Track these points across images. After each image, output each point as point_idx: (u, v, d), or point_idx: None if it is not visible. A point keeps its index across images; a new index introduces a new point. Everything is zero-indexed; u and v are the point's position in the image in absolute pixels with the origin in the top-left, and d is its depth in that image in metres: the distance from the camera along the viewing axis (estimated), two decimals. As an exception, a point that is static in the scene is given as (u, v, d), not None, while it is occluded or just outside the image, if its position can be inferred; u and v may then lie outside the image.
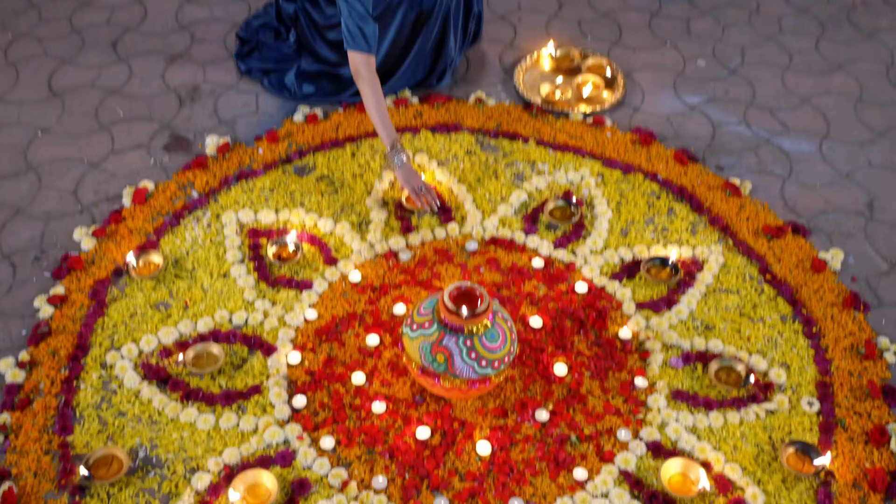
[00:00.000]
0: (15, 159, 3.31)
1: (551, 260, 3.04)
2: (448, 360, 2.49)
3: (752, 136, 3.49)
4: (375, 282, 2.96)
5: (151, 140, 3.40)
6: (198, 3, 4.04)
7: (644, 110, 3.59)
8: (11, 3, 4.01)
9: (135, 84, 3.64)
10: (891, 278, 3.01)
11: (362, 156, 3.35)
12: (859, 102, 3.65)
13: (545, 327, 2.84)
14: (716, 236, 3.12)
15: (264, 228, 3.11)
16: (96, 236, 3.05)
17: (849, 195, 3.28)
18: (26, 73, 3.66)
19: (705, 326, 2.86)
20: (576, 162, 3.36)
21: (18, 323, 2.81)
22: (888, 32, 3.99)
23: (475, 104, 3.59)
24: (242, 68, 3.69)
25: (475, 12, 3.70)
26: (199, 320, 2.82)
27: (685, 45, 3.90)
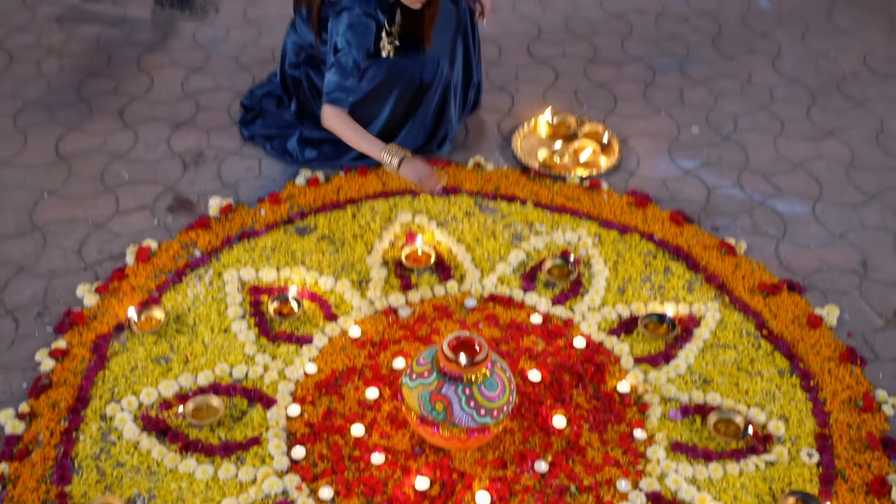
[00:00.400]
0: (21, 220, 3.37)
1: (549, 316, 3.07)
2: (447, 408, 2.50)
3: (746, 199, 3.55)
4: (375, 337, 2.98)
5: (155, 202, 3.46)
6: (203, 74, 4.15)
7: (640, 174, 3.66)
8: (21, 72, 4.11)
9: (140, 149, 3.71)
10: (886, 334, 3.04)
11: (363, 217, 3.41)
12: (850, 167, 3.72)
13: (544, 381, 2.85)
14: (712, 294, 3.15)
15: (265, 286, 3.15)
16: (99, 293, 3.08)
17: (843, 255, 3.32)
18: (34, 139, 3.74)
19: (703, 380, 2.87)
20: (573, 223, 3.42)
21: (20, 376, 2.82)
22: (877, 101, 4.08)
23: (474, 168, 3.66)
24: (246, 134, 3.78)
25: (474, 82, 3.80)
26: (199, 374, 2.84)
27: (679, 113, 3.99)
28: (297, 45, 3.58)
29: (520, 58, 4.33)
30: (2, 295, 3.08)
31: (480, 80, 3.86)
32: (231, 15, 4.57)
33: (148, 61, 4.22)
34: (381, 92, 3.50)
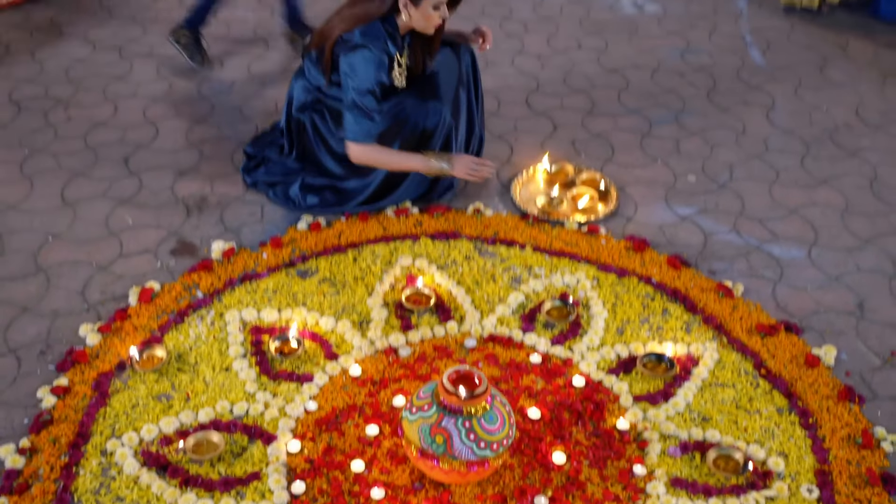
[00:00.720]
0: (25, 262, 3.40)
1: (549, 356, 3.09)
2: (447, 441, 2.51)
3: (742, 244, 3.60)
4: (375, 376, 3.00)
5: (159, 245, 3.50)
6: (207, 124, 4.22)
7: (637, 220, 3.71)
8: (29, 122, 4.19)
9: (144, 195, 3.77)
10: (884, 373, 3.05)
11: (364, 260, 3.45)
12: (845, 213, 3.77)
13: (543, 418, 2.86)
14: (710, 334, 3.18)
15: (267, 326, 3.17)
16: (101, 332, 3.11)
17: (839, 297, 3.35)
18: (40, 185, 3.80)
19: (702, 418, 2.88)
20: (571, 266, 3.45)
21: (21, 412, 2.83)
22: (870, 151, 4.15)
23: (473, 214, 3.71)
24: (248, 181, 3.84)
25: (477, 133, 3.87)
26: (200, 411, 2.85)
27: (675, 162, 4.06)
28: (306, 89, 3.65)
29: (519, 109, 4.42)
30: (5, 334, 3.10)
31: (483, 133, 3.93)
32: (236, 69, 4.67)
33: (153, 111, 4.30)
34: (385, 140, 3.57)
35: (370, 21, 3.39)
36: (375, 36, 3.38)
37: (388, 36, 3.40)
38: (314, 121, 3.65)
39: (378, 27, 3.39)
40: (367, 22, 3.38)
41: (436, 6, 3.39)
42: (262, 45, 4.89)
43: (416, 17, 3.40)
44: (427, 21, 3.42)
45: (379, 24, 3.39)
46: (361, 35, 3.37)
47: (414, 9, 3.37)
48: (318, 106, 3.64)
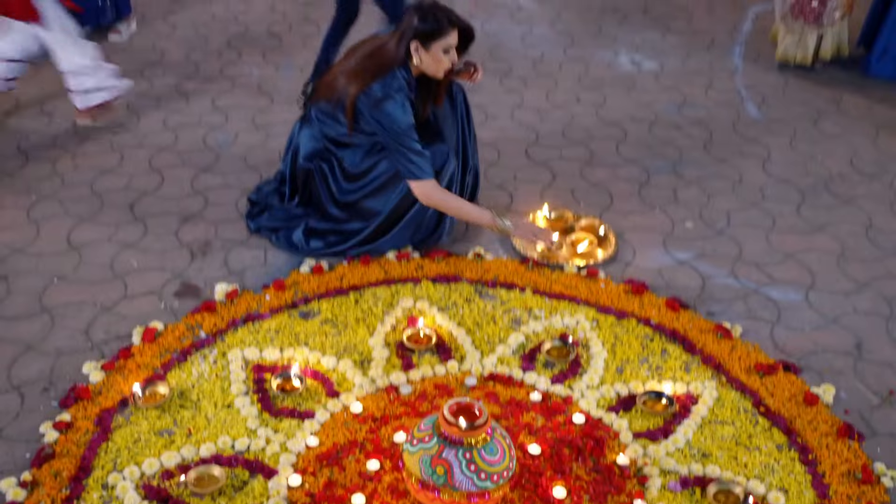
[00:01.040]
0: (30, 303, 3.44)
1: (549, 394, 3.11)
2: (448, 472, 2.52)
3: (740, 287, 3.63)
4: (376, 413, 3.01)
5: (163, 287, 3.54)
6: (212, 173, 4.30)
7: (636, 265, 3.75)
8: (37, 170, 4.26)
9: (149, 240, 3.82)
10: (883, 411, 3.07)
11: (365, 302, 3.48)
12: (841, 258, 3.82)
13: (543, 454, 2.86)
14: (709, 374, 3.20)
15: (269, 364, 3.20)
16: (105, 370, 3.13)
17: (837, 338, 3.38)
18: (46, 230, 3.86)
19: (702, 454, 2.89)
20: (571, 308, 3.49)
21: (23, 447, 2.84)
22: (865, 199, 4.21)
23: (474, 258, 3.76)
24: (252, 227, 3.89)
25: (471, 167, 3.94)
26: (201, 446, 2.86)
27: (673, 210, 4.12)
28: (314, 138, 3.72)
29: (518, 160, 4.49)
30: (9, 371, 3.12)
31: (477, 166, 4.00)
32: (240, 121, 4.76)
33: (159, 161, 4.37)
34: (391, 183, 3.64)
35: (389, 71, 3.48)
36: (398, 86, 3.48)
37: (406, 82, 3.50)
38: (322, 169, 3.72)
39: (396, 75, 3.48)
40: (386, 73, 3.47)
41: (446, 50, 3.49)
42: (267, 99, 4.99)
43: (427, 61, 3.50)
44: (437, 65, 3.51)
45: (396, 71, 3.49)
46: (382, 87, 3.46)
47: (424, 53, 3.47)
48: (325, 154, 3.71)
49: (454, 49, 3.53)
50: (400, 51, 3.48)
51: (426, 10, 3.47)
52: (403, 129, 3.47)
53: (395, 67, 3.50)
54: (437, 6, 3.50)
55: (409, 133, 3.48)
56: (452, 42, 3.51)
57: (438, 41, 3.47)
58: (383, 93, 3.46)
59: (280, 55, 5.51)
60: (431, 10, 3.47)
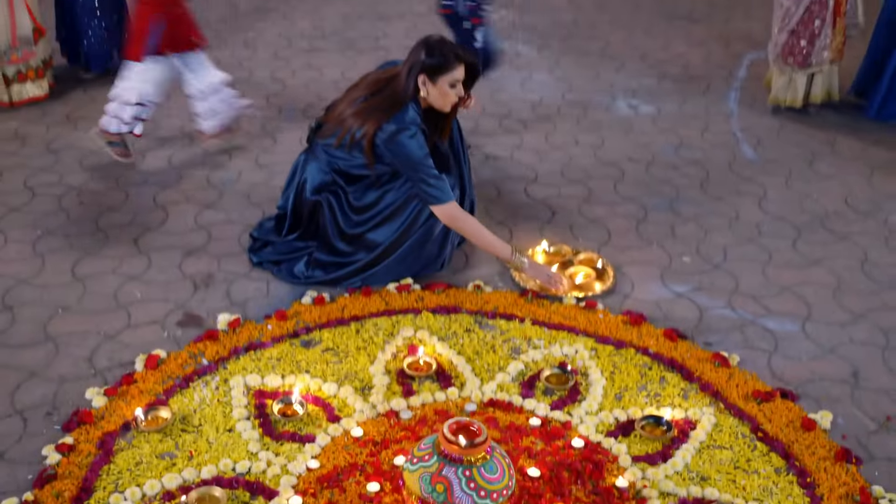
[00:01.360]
0: (34, 332, 3.48)
1: (548, 419, 3.13)
2: (447, 489, 2.54)
3: (737, 318, 3.67)
4: (377, 437, 3.03)
5: (166, 317, 3.58)
6: (215, 209, 4.36)
7: (634, 297, 3.79)
8: (42, 206, 4.33)
9: (153, 272, 3.87)
10: (880, 436, 3.09)
11: (366, 332, 3.52)
12: (837, 291, 3.86)
13: (543, 477, 2.87)
14: (707, 400, 3.22)
15: (270, 391, 3.22)
16: (107, 395, 3.16)
17: (834, 366, 3.41)
18: (51, 262, 3.91)
19: (701, 477, 2.91)
20: (570, 338, 3.52)
21: (25, 469, 2.86)
22: (860, 235, 4.27)
23: (473, 290, 3.80)
24: (254, 260, 3.95)
25: (468, 197, 4.00)
26: (202, 468, 2.88)
27: (671, 245, 4.17)
28: (322, 171, 3.80)
29: (517, 198, 4.56)
30: (12, 396, 3.15)
31: (474, 197, 4.06)
32: (244, 161, 4.83)
33: (163, 198, 4.44)
34: (395, 215, 3.71)
35: (401, 107, 3.58)
36: (410, 119, 3.58)
37: (417, 114, 3.61)
38: (330, 201, 3.78)
39: (408, 109, 3.59)
40: (398, 108, 3.58)
41: (452, 84, 3.58)
42: (270, 139, 5.08)
43: (434, 95, 3.59)
44: (444, 98, 3.61)
45: (408, 105, 3.58)
46: (396, 121, 3.57)
47: (432, 86, 3.57)
48: (333, 187, 3.78)
49: (461, 84, 3.63)
50: (409, 85, 3.58)
51: (433, 45, 3.58)
52: (420, 159, 3.57)
53: (406, 102, 3.59)
54: (444, 42, 3.61)
55: (425, 161, 3.58)
56: (459, 76, 3.60)
57: (445, 75, 3.57)
58: (397, 126, 3.56)
59: (283, 99, 5.61)
60: (438, 46, 3.58)
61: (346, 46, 6.37)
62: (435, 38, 3.62)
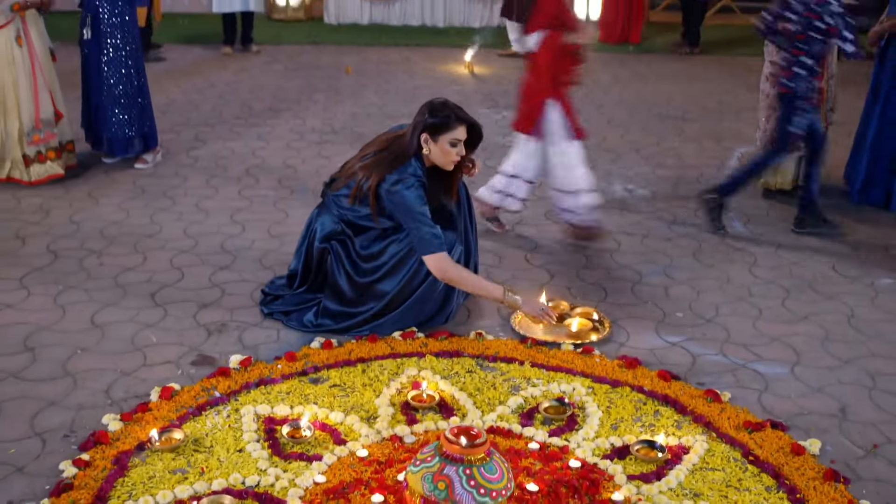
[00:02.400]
0: (54, 369, 3.63)
1: (546, 444, 3.25)
2: (449, 487, 2.66)
3: (728, 363, 3.82)
4: (381, 458, 3.15)
5: (180, 358, 3.74)
6: (229, 270, 4.56)
7: (629, 345, 3.95)
8: (64, 266, 4.54)
9: (169, 321, 4.04)
10: (868, 460, 3.20)
11: (372, 371, 3.67)
12: (826, 341, 4.02)
13: (541, 491, 2.98)
14: (700, 430, 3.35)
15: (280, 418, 3.36)
16: (123, 420, 3.29)
17: (822, 403, 3.55)
18: (72, 312, 4.09)
19: (694, 493, 3.01)
20: (567, 378, 3.67)
21: (43, 481, 2.98)
22: (848, 295, 4.45)
23: (475, 337, 3.96)
24: (265, 311, 4.13)
25: (473, 261, 4.20)
26: (213, 481, 2.99)
27: (664, 303, 4.35)
28: (333, 221, 4.02)
29: (518, 263, 4.76)
30: (31, 422, 3.29)
31: (478, 262, 4.26)
32: (257, 231, 5.06)
33: (180, 260, 4.65)
34: (400, 265, 3.91)
35: (404, 161, 3.83)
36: (411, 172, 3.82)
37: (419, 169, 3.85)
38: (337, 249, 3.99)
39: (410, 163, 3.84)
40: (401, 163, 3.83)
41: (452, 143, 3.83)
42: (282, 213, 5.32)
43: (436, 153, 3.83)
44: (445, 156, 3.85)
45: (411, 160, 3.84)
46: (398, 173, 3.82)
47: (433, 144, 3.82)
48: (341, 236, 3.99)
49: (462, 144, 3.87)
50: (413, 142, 3.83)
51: (436, 106, 3.85)
52: (416, 208, 3.77)
53: (409, 157, 3.84)
54: (447, 103, 3.87)
55: (421, 211, 3.78)
56: (459, 136, 3.85)
57: (445, 134, 3.82)
58: (398, 177, 3.79)
59: (295, 181, 5.88)
60: (440, 107, 3.84)
61: (354, 139, 6.68)
62: (438, 101, 3.89)
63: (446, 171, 3.98)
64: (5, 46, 5.41)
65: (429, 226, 3.79)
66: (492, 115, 7.59)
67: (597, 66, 9.78)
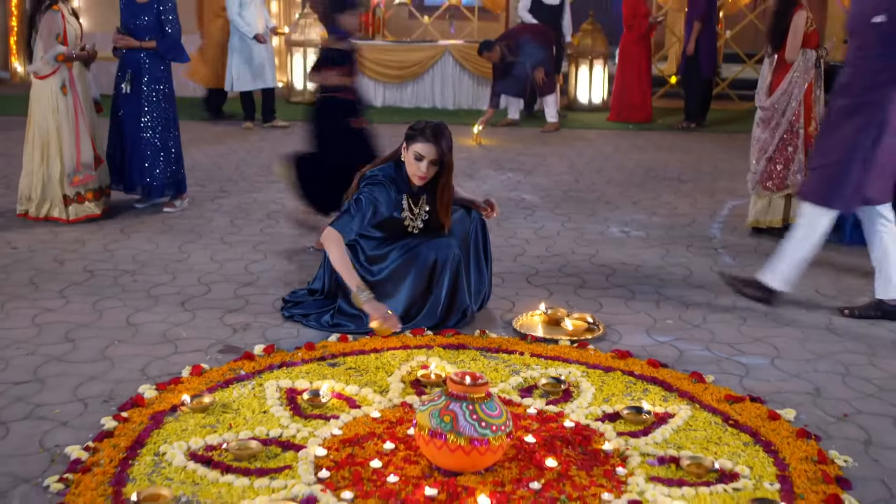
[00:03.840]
0: (93, 354, 3.98)
1: (543, 410, 3.56)
2: (453, 420, 2.98)
3: (713, 356, 4.14)
4: (392, 419, 3.46)
5: (208, 348, 4.09)
6: (253, 286, 4.93)
7: (621, 343, 4.28)
8: (100, 282, 4.92)
9: (198, 322, 4.40)
10: (838, 425, 3.50)
11: (385, 358, 4.00)
12: (805, 341, 4.34)
13: (538, 442, 3.29)
14: (684, 402, 3.65)
15: (300, 389, 3.68)
16: (158, 389, 3.62)
17: (799, 385, 3.85)
18: (108, 315, 4.45)
19: (678, 446, 3.31)
20: (564, 365, 3.99)
21: (86, 433, 3.30)
22: (828, 310, 4.79)
23: (479, 335, 4.30)
24: (286, 314, 4.48)
25: (485, 290, 4.62)
26: (240, 432, 3.31)
27: (655, 313, 4.69)
28: None
29: (520, 284, 5.12)
30: (74, 391, 3.62)
31: (489, 293, 4.69)
32: (278, 258, 5.44)
33: (207, 279, 5.03)
34: (400, 272, 4.28)
35: (386, 162, 4.25)
36: (385, 172, 4.24)
37: (395, 172, 4.25)
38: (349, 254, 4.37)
39: (390, 166, 4.25)
40: (385, 163, 4.24)
41: (417, 157, 4.19)
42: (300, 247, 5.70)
43: (407, 160, 4.24)
44: (409, 167, 4.24)
45: (392, 164, 4.24)
46: (378, 169, 4.25)
47: (405, 152, 4.23)
48: (352, 242, 4.37)
49: (427, 162, 4.19)
50: (399, 148, 4.25)
51: (423, 121, 4.28)
52: (361, 194, 4.16)
53: (390, 160, 4.27)
54: (435, 124, 4.24)
55: (361, 197, 4.16)
56: (422, 152, 4.18)
57: (413, 145, 4.20)
58: (374, 172, 4.25)
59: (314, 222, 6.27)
60: (424, 123, 4.25)
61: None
62: (433, 122, 4.30)
63: (435, 187, 4.32)
64: (50, 95, 5.91)
65: (352, 213, 4.13)
66: (498, 176, 8.06)
67: (598, 140, 10.32)
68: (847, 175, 4.51)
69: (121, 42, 6.20)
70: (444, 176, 4.27)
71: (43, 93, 5.94)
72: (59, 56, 5.86)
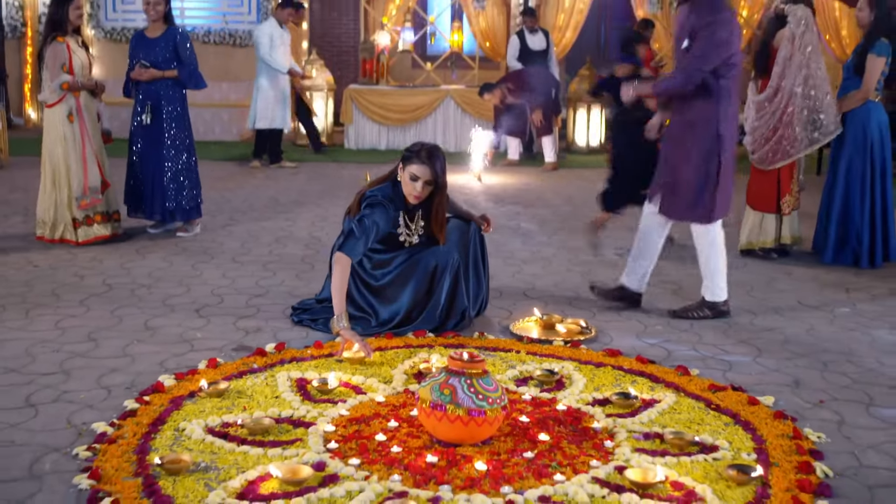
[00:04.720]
0: (115, 351, 4.23)
1: (537, 397, 3.80)
2: (453, 392, 3.22)
3: (699, 355, 4.39)
4: (396, 403, 3.71)
5: (222, 347, 4.34)
6: (264, 297, 5.20)
7: (612, 344, 4.52)
8: (119, 293, 5.19)
9: (211, 327, 4.65)
10: (814, 410, 3.73)
11: (388, 355, 4.25)
12: (787, 343, 4.59)
13: (531, 421, 3.53)
14: (670, 391, 3.89)
15: (309, 379, 3.93)
16: (177, 379, 3.87)
17: (779, 378, 4.09)
18: (128, 320, 4.71)
19: (662, 426, 3.54)
20: (558, 361, 4.24)
21: (111, 413, 3.54)
22: (810, 318, 5.04)
23: (478, 337, 4.55)
24: (295, 319, 4.74)
25: (482, 297, 4.85)
26: (254, 412, 3.55)
27: (646, 320, 4.94)
28: None
29: (517, 297, 5.38)
30: (98, 380, 3.87)
31: (486, 299, 4.93)
32: (287, 275, 5.71)
33: (220, 291, 5.29)
34: (402, 278, 4.54)
35: (384, 182, 4.52)
36: (384, 192, 4.49)
37: (393, 191, 4.50)
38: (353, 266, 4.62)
39: (388, 186, 4.51)
40: (382, 183, 4.51)
41: (412, 177, 4.44)
42: (308, 266, 5.97)
43: (403, 180, 4.48)
44: (405, 187, 4.48)
45: (389, 183, 4.51)
46: (377, 190, 4.49)
47: (402, 172, 4.49)
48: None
49: (422, 183, 4.43)
50: (396, 168, 4.52)
51: (420, 144, 4.55)
52: (365, 214, 4.39)
53: (388, 180, 4.53)
54: (431, 146, 4.51)
55: (366, 219, 4.36)
56: (418, 173, 4.42)
57: (409, 166, 4.45)
58: (373, 193, 4.48)
59: (319, 246, 6.55)
60: (421, 145, 4.52)
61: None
62: (428, 144, 4.58)
63: (430, 206, 4.57)
64: (58, 123, 6.22)
65: (357, 235, 4.32)
66: (498, 208, 8.34)
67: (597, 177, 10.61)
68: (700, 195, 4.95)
69: (145, 74, 6.52)
70: (439, 195, 4.54)
71: (52, 121, 6.26)
72: (63, 84, 6.17)
